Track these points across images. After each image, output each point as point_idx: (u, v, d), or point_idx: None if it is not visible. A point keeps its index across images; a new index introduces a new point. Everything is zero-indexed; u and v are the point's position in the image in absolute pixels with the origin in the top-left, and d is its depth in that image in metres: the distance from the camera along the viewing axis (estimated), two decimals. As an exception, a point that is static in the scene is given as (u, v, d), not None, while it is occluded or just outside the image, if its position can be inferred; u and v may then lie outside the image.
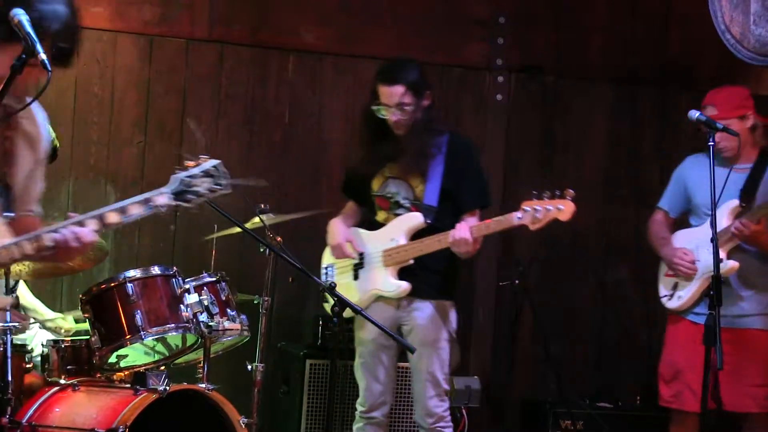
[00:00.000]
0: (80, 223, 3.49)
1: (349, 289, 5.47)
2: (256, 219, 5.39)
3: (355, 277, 5.53)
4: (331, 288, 4.63)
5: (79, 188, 6.54)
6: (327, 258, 5.68)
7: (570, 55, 7.27)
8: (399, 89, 5.34)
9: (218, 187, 3.64)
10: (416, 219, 5.41)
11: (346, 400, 5.95)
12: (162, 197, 3.53)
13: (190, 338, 4.99)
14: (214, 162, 3.65)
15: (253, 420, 5.34)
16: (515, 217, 5.19)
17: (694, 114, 4.96)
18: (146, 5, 6.64)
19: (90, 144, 6.57)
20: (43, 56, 3.30)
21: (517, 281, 6.52)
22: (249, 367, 5.43)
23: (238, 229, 5.12)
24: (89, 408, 4.60)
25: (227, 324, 4.95)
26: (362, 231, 5.58)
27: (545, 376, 6.94)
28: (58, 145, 5.38)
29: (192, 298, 4.88)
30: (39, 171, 3.73)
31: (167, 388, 4.58)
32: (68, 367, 4.90)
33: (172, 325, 4.78)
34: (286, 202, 6.62)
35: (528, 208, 5.17)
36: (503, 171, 7.14)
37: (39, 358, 5.02)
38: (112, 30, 6.58)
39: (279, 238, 5.40)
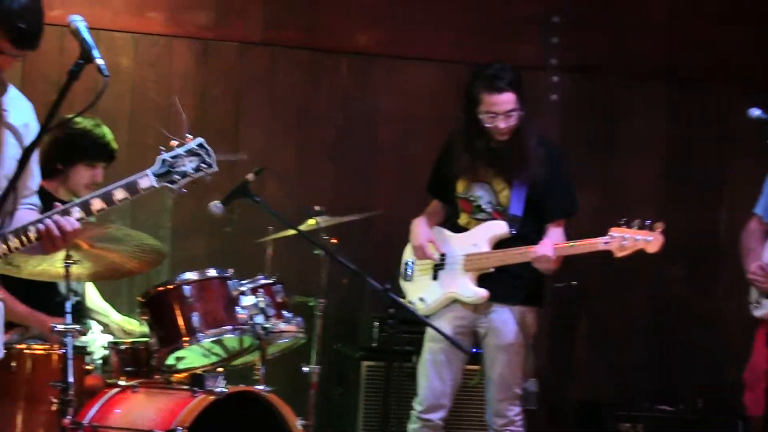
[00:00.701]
0: (66, 212, 3.51)
1: (427, 288, 5.49)
2: (311, 221, 5.40)
3: (435, 277, 5.54)
4: (386, 290, 4.63)
5: (137, 192, 6.57)
6: (408, 253, 5.69)
7: (626, 54, 7.22)
8: (509, 96, 5.31)
9: (204, 165, 3.65)
10: (501, 228, 5.40)
11: (402, 403, 5.94)
12: (145, 179, 3.60)
13: (247, 340, 5.00)
14: (199, 140, 3.67)
15: (309, 422, 5.35)
16: (601, 242, 5.18)
17: (754, 112, 4.90)
18: (200, 10, 6.70)
19: (146, 148, 6.60)
20: (99, 62, 3.34)
21: (573, 282, 6.49)
22: (305, 369, 5.43)
23: (294, 231, 5.15)
24: (148, 409, 4.64)
25: (283, 326, 4.96)
26: (446, 231, 5.59)
27: (603, 378, 6.89)
28: (115, 147, 5.42)
29: (248, 300, 4.90)
30: (31, 162, 3.71)
31: (225, 389, 4.60)
32: (127, 368, 4.93)
33: (229, 327, 4.80)
34: (340, 204, 6.63)
35: (616, 235, 5.15)
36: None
37: (100, 360, 5.07)
38: (167, 35, 6.65)
39: (334, 240, 5.41)
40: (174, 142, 3.62)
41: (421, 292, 5.58)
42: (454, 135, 5.57)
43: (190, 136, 3.65)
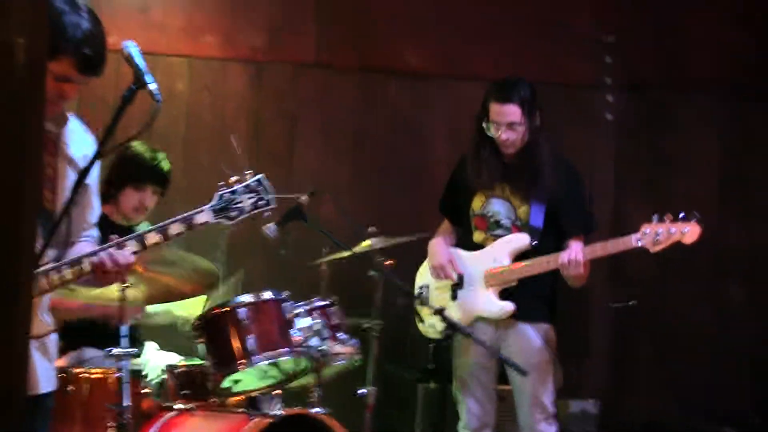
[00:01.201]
0: (120, 246, 3.54)
1: (447, 309, 5.43)
2: (365, 242, 5.39)
3: (453, 298, 5.49)
4: (441, 311, 4.64)
5: (191, 215, 6.61)
6: (421, 278, 5.67)
7: (679, 71, 7.18)
8: (512, 108, 5.30)
9: (262, 202, 3.68)
10: (522, 240, 5.37)
11: (454, 423, 5.92)
12: (202, 215, 3.61)
13: (303, 362, 4.99)
14: (258, 177, 3.71)
15: (365, 444, 5.35)
16: (634, 239, 5.12)
17: None
18: (255, 32, 6.73)
19: (200, 171, 6.65)
20: (152, 87, 3.35)
21: (631, 303, 6.44)
22: (361, 391, 5.42)
23: (348, 253, 5.15)
24: (204, 432, 4.67)
25: (338, 348, 4.95)
26: (461, 251, 5.56)
27: (665, 399, 6.82)
28: (165, 170, 5.44)
29: (303, 322, 4.90)
30: (90, 195, 3.76)
31: (280, 412, 4.60)
32: (183, 391, 4.94)
33: (284, 349, 4.78)
34: (393, 224, 6.63)
35: (648, 230, 5.09)
36: (613, 191, 7.07)
37: (156, 383, 5.08)
38: (221, 58, 6.69)
39: (390, 261, 5.40)
40: (233, 179, 3.64)
41: None
42: (469, 150, 5.56)
43: (250, 172, 3.67)
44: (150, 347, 5.64)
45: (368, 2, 6.91)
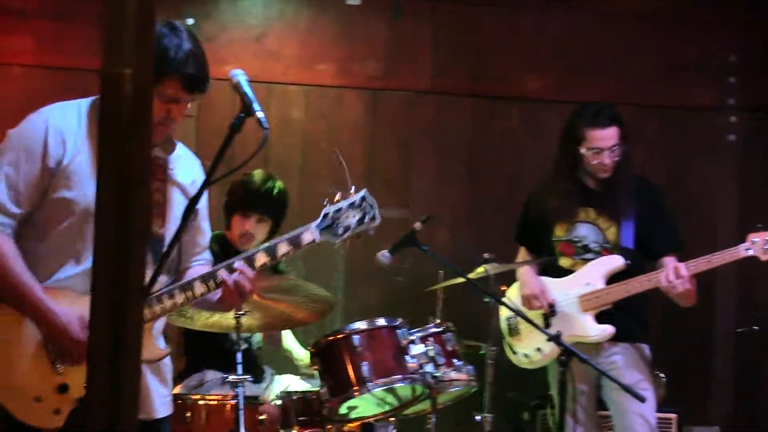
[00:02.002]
0: (229, 267, 3.57)
1: (541, 338, 5.37)
2: (480, 268, 5.36)
3: (547, 326, 5.43)
4: (557, 337, 4.58)
5: (309, 242, 6.65)
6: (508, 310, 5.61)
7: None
8: (614, 131, 5.30)
9: (368, 219, 3.72)
10: (616, 261, 5.34)
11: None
12: (308, 234, 3.67)
13: (418, 389, 4.96)
14: (362, 193, 3.75)
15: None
16: (743, 249, 5.03)
17: None
18: (370, 60, 6.76)
19: (317, 198, 6.64)
20: (260, 115, 3.37)
21: (756, 327, 6.29)
22: (477, 417, 5.37)
23: (462, 279, 5.12)
24: (322, 459, 4.67)
25: (453, 374, 4.90)
26: (549, 279, 5.53)
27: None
28: (274, 198, 5.47)
29: (418, 348, 4.86)
30: (200, 220, 3.81)
31: (394, 439, 4.59)
32: (300, 418, 4.95)
33: (399, 376, 4.76)
34: (512, 252, 6.60)
35: (756, 239, 5.01)
36: (738, 213, 6.91)
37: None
38: (337, 86, 6.72)
39: (504, 288, 5.36)
40: (338, 196, 3.65)
41: (535, 343, 5.49)
42: (548, 182, 5.52)
43: (354, 190, 3.67)
44: (268, 372, 5.69)
45: (484, 30, 6.89)
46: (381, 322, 4.88)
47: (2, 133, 3.61)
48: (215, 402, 4.70)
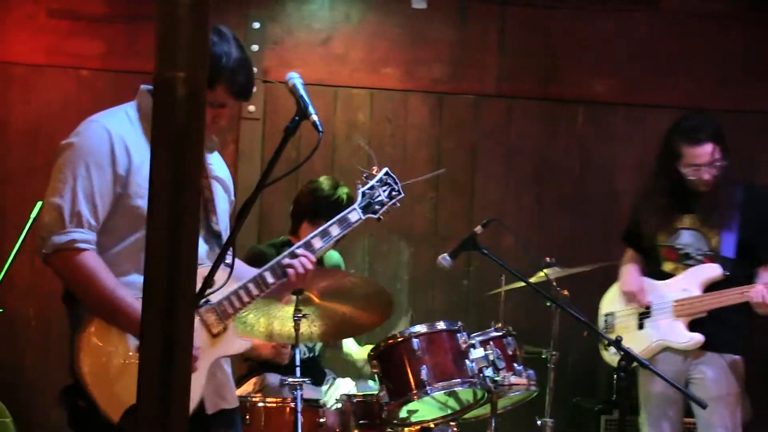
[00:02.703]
0: (293, 254, 3.81)
1: (633, 339, 5.38)
2: (542, 272, 5.34)
3: (640, 327, 5.45)
4: (618, 342, 4.55)
5: (374, 245, 6.68)
6: (607, 305, 5.63)
7: None
8: (709, 147, 5.26)
9: (396, 192, 3.99)
10: (714, 270, 5.29)
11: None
12: (354, 213, 3.94)
13: (479, 393, 4.95)
14: (385, 169, 4.00)
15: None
16: None
17: None
18: (436, 64, 6.76)
19: (383, 201, 6.69)
20: (314, 118, 3.39)
21: None
22: (538, 422, 5.34)
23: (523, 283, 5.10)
24: (381, 462, 4.69)
25: (513, 379, 4.88)
26: (650, 280, 5.50)
27: None
28: (345, 203, 5.49)
29: (477, 352, 4.85)
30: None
31: (452, 442, 4.58)
32: (360, 421, 4.96)
33: (458, 380, 4.75)
34: (578, 255, 6.56)
35: None
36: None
37: (334, 412, 5.11)
38: (402, 90, 6.73)
39: (565, 292, 5.34)
40: (364, 176, 3.84)
41: (626, 342, 5.42)
42: (646, 195, 5.51)
43: (376, 168, 3.83)
44: (330, 376, 5.71)
45: (552, 31, 6.86)
46: (441, 325, 4.88)
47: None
48: (274, 405, 4.72)
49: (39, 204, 5.57)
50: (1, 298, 6.02)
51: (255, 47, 6.54)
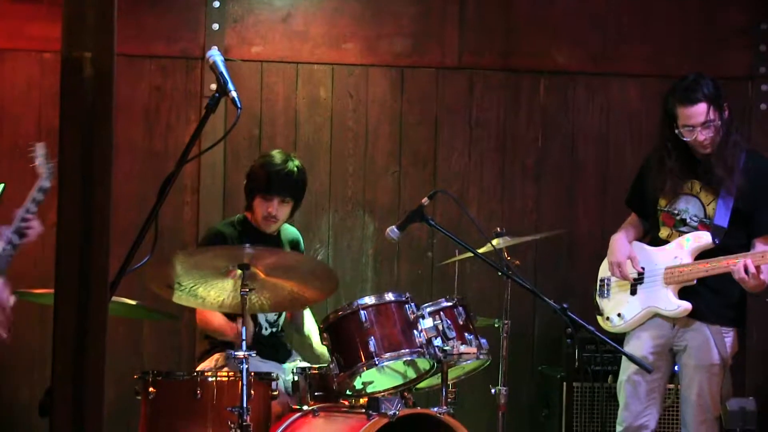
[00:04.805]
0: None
1: (625, 303, 5.45)
2: (495, 241, 5.38)
3: (633, 293, 5.47)
4: (564, 310, 4.61)
5: (338, 220, 6.73)
6: (603, 271, 5.63)
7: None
8: (703, 107, 5.22)
9: None
10: (704, 239, 5.29)
11: (607, 424, 5.85)
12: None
13: (428, 363, 4.99)
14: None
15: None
16: None
17: None
18: (397, 37, 6.77)
19: (347, 176, 6.74)
20: (233, 95, 3.44)
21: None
22: (492, 390, 5.39)
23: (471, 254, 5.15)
24: (325, 433, 4.75)
25: (463, 348, 4.92)
26: (646, 246, 5.52)
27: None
28: (295, 180, 5.51)
29: (427, 323, 4.90)
30: None
31: (397, 412, 4.63)
32: (316, 393, 5.02)
33: (406, 350, 4.81)
34: (541, 225, 6.63)
35: None
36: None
37: (287, 386, 5.18)
38: (363, 64, 6.75)
39: (517, 262, 5.38)
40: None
41: (618, 308, 5.50)
42: (652, 159, 5.48)
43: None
44: (295, 355, 5.75)
45: (512, 2, 6.86)
46: (389, 296, 4.94)
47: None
48: (225, 378, 4.78)
49: (1, 186, 5.64)
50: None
51: (215, 26, 6.57)
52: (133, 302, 4.80)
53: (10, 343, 6.23)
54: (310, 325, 5.78)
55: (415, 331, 4.86)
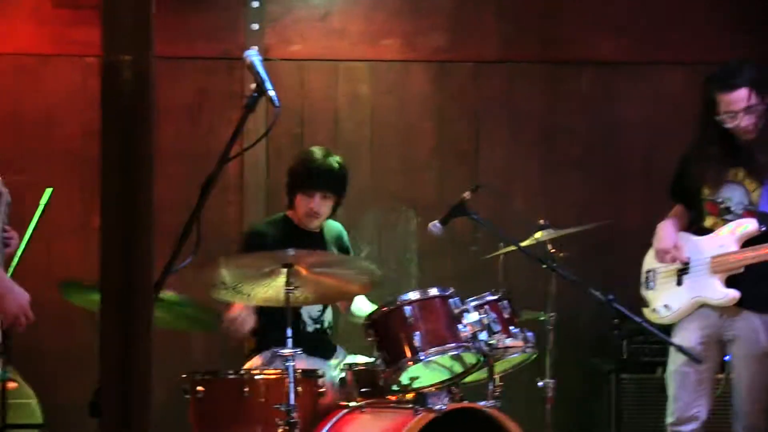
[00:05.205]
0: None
1: (672, 294, 5.40)
2: (538, 234, 5.36)
3: (679, 283, 5.42)
4: (610, 302, 4.59)
5: (382, 217, 6.73)
6: (649, 262, 5.59)
7: None
8: (744, 93, 5.17)
9: None
10: (751, 225, 5.23)
11: (657, 416, 5.81)
12: None
13: (474, 357, 4.98)
14: None
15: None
16: None
17: None
18: (435, 32, 6.78)
19: (389, 173, 6.75)
20: (271, 93, 3.45)
21: None
22: (540, 383, 5.37)
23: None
24: (372, 429, 4.74)
25: (509, 341, 4.91)
26: (691, 235, 5.47)
27: None
28: (336, 176, 5.51)
29: (472, 317, 4.88)
30: None
31: (444, 407, 4.63)
32: (363, 389, 5.02)
33: (451, 344, 4.79)
34: (587, 216, 6.58)
35: None
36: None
37: (336, 382, 5.19)
38: (403, 60, 6.76)
39: (561, 254, 5.35)
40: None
41: (665, 299, 5.45)
42: (694, 148, 5.44)
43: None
44: (341, 351, 5.74)
45: (550, -8, 6.86)
46: (433, 291, 4.93)
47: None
48: (273, 377, 4.79)
49: (49, 191, 5.70)
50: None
51: (255, 26, 6.60)
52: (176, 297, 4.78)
53: (62, 344, 6.31)
54: (362, 303, 5.75)
55: (460, 326, 4.84)
